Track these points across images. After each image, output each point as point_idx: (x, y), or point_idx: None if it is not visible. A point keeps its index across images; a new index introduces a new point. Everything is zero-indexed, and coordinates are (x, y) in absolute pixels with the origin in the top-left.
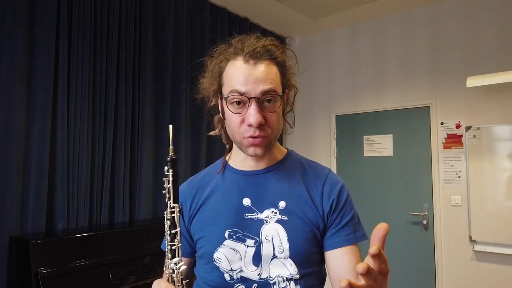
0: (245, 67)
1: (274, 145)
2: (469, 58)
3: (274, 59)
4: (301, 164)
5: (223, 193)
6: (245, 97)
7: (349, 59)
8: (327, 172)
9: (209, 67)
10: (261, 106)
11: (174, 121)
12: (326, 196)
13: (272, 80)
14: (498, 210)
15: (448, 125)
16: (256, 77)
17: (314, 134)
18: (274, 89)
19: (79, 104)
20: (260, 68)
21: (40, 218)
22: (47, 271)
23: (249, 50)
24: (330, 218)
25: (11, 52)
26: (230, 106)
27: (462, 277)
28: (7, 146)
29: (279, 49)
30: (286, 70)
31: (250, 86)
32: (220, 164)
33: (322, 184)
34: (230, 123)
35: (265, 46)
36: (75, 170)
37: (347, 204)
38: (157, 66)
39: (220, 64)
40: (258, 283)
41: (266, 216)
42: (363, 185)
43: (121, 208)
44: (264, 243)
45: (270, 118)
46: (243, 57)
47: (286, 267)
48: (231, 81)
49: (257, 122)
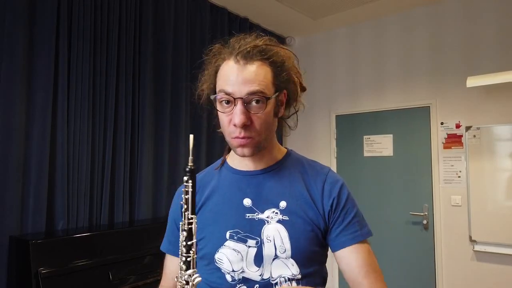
0: (235, 67)
1: (273, 145)
2: (469, 58)
3: (268, 59)
4: (301, 163)
5: (223, 193)
6: (232, 97)
7: (349, 59)
8: (327, 171)
9: (207, 66)
10: (248, 107)
11: (174, 121)
12: (327, 195)
13: (261, 82)
14: (498, 210)
15: (448, 125)
16: (244, 77)
17: (314, 134)
18: (261, 91)
19: (79, 104)
20: (250, 68)
21: (40, 218)
22: (47, 271)
23: (241, 50)
24: (332, 217)
25: (11, 52)
26: (219, 105)
27: (462, 277)
28: (7, 146)
29: (274, 48)
30: (281, 70)
31: (237, 87)
32: (219, 164)
33: (322, 183)
34: (221, 122)
35: (259, 46)
36: (75, 170)
37: (348, 202)
38: (157, 66)
39: (216, 63)
40: (260, 283)
41: (267, 216)
42: (363, 185)
43: (121, 208)
44: (265, 243)
45: (257, 119)
46: (234, 57)
47: (288, 267)
48: (221, 81)
49: (241, 123)
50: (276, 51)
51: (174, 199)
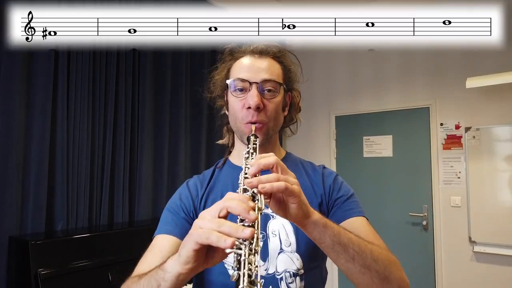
0: (250, 59)
1: (276, 144)
2: (468, 59)
3: (278, 58)
4: (300, 162)
5: (226, 189)
6: (247, 83)
7: (349, 60)
8: (322, 166)
9: (219, 67)
10: (261, 93)
11: (174, 121)
12: (327, 186)
13: (273, 72)
14: (497, 211)
15: (447, 126)
16: (259, 67)
17: (314, 135)
18: (275, 80)
19: (79, 104)
20: (264, 61)
21: (40, 218)
22: (47, 271)
23: (255, 46)
24: (331, 201)
25: (10, 51)
26: (234, 93)
27: (462, 278)
28: (6, 146)
29: (284, 52)
30: (289, 72)
31: (252, 74)
32: (221, 163)
33: (321, 176)
34: (232, 109)
35: (272, 46)
36: (75, 171)
37: (343, 186)
38: (157, 66)
39: (229, 62)
40: (265, 278)
41: (272, 211)
42: (362, 186)
43: (121, 208)
44: (271, 237)
45: (269, 105)
46: (249, 52)
47: (293, 261)
48: (236, 72)
49: (255, 104)
50: (287, 55)
51: (181, 192)
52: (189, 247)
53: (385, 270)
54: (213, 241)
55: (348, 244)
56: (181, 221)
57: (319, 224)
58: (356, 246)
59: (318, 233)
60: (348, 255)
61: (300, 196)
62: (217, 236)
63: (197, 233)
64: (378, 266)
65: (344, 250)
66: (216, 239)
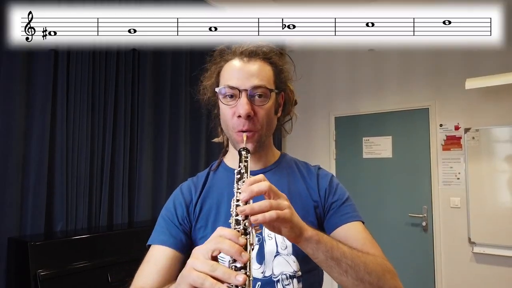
0: (239, 64)
1: (270, 147)
2: (468, 59)
3: (269, 59)
4: (295, 163)
5: (221, 192)
6: (237, 90)
7: (348, 60)
8: (317, 167)
9: (209, 69)
10: (252, 100)
11: (174, 121)
12: (322, 187)
13: (263, 77)
14: (497, 212)
15: (447, 127)
16: (248, 72)
17: (313, 136)
18: (264, 85)
19: (79, 104)
20: (254, 65)
21: (39, 219)
22: (46, 273)
23: (245, 49)
24: (327, 204)
25: (10, 51)
26: (224, 100)
27: (461, 279)
28: (6, 146)
29: (275, 52)
30: (280, 72)
31: (242, 81)
32: (216, 165)
33: (316, 177)
34: (223, 116)
35: (262, 47)
36: (74, 171)
37: (339, 188)
38: (157, 66)
39: (219, 64)
40: (262, 281)
41: None
42: (362, 187)
43: (120, 209)
44: (267, 240)
45: (260, 111)
46: (238, 56)
47: (290, 264)
48: (225, 77)
49: (246, 113)
50: (276, 55)
51: (175, 197)
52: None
53: (379, 281)
54: (207, 287)
55: (341, 259)
56: (175, 230)
57: (312, 241)
58: (349, 259)
59: (311, 249)
60: (341, 269)
61: (291, 221)
62: (210, 283)
63: (191, 276)
64: (372, 278)
65: (337, 264)
66: (209, 286)
